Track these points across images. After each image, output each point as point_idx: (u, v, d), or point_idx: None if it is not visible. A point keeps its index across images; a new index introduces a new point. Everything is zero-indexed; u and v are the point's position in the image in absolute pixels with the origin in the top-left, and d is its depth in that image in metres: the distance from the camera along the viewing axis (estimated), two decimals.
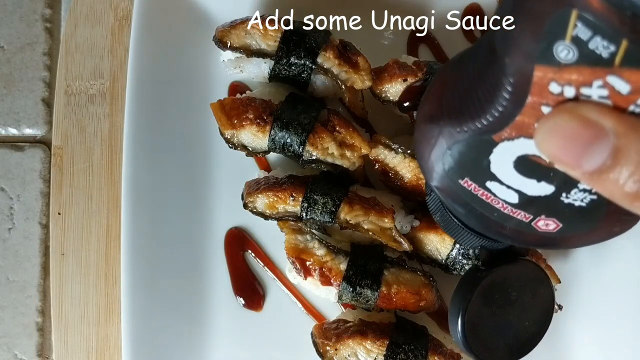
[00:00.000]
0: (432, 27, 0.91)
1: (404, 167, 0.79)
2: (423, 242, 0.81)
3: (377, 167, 0.81)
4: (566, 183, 0.46)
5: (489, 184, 0.50)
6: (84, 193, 0.91)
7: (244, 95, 0.83)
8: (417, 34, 0.91)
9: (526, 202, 0.49)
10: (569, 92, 0.39)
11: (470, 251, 0.78)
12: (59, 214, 0.90)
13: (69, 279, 0.89)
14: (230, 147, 0.81)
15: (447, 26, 0.90)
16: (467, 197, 0.52)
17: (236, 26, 0.81)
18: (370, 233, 0.78)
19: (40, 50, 0.96)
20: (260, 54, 0.80)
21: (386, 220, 0.78)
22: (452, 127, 0.48)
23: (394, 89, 0.81)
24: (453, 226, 0.61)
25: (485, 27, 0.91)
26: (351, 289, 0.77)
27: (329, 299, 0.81)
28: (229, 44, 0.80)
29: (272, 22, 0.80)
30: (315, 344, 0.78)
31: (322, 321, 0.85)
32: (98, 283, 0.89)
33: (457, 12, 0.90)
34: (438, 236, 0.79)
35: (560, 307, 0.81)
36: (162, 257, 0.84)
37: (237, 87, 0.89)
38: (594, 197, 0.46)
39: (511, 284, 0.66)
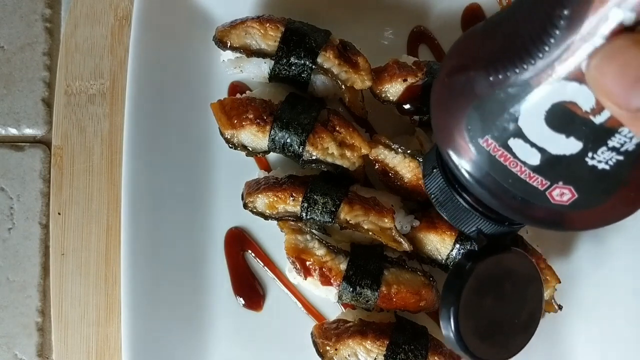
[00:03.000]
0: (432, 27, 0.91)
1: (404, 167, 0.79)
2: (423, 242, 0.81)
3: (377, 167, 0.81)
4: (596, 139, 0.45)
5: (511, 141, 0.48)
6: (84, 193, 0.91)
7: (244, 95, 0.83)
8: (417, 34, 0.91)
9: (547, 163, 0.48)
10: (629, 18, 0.38)
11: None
12: (59, 214, 0.90)
13: (69, 279, 0.89)
14: (230, 147, 0.81)
15: (447, 26, 0.90)
16: (483, 160, 0.50)
17: (236, 26, 0.81)
18: (370, 233, 0.78)
19: (40, 50, 0.96)
20: (260, 54, 0.80)
21: (386, 220, 0.78)
22: (487, 75, 0.47)
23: (394, 89, 0.81)
24: (454, 206, 0.60)
25: None
26: (351, 289, 0.77)
27: (329, 299, 0.81)
28: (229, 44, 0.80)
29: (272, 22, 0.80)
30: (315, 344, 0.78)
31: (322, 321, 0.85)
32: (98, 283, 0.89)
33: (457, 12, 0.91)
34: (438, 236, 0.79)
35: (560, 307, 0.81)
36: (162, 257, 0.84)
37: (237, 87, 0.89)
38: (621, 157, 0.45)
39: (504, 274, 0.65)
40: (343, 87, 0.80)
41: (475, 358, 0.63)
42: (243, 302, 0.87)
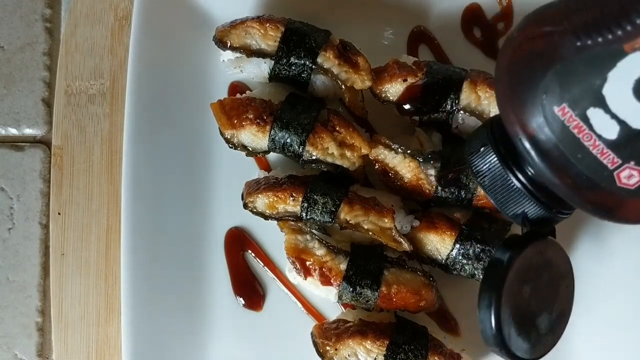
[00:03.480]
0: (432, 27, 0.91)
1: (404, 167, 0.79)
2: (423, 242, 0.81)
3: (377, 167, 0.81)
4: None
5: (591, 111, 0.46)
6: (84, 193, 0.91)
7: (244, 95, 0.83)
8: (417, 34, 0.91)
9: (625, 139, 0.45)
10: None
11: (470, 251, 0.78)
12: (59, 214, 0.90)
13: (69, 279, 0.89)
14: (230, 147, 0.81)
15: (447, 26, 0.90)
16: (554, 130, 0.48)
17: (236, 26, 0.81)
18: (370, 233, 0.78)
19: (40, 50, 0.96)
20: (260, 54, 0.80)
21: (386, 220, 0.78)
22: (575, 38, 0.45)
23: (394, 89, 0.81)
24: (503, 186, 0.57)
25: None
26: (351, 289, 0.77)
27: (329, 299, 0.81)
28: (229, 44, 0.80)
29: (272, 22, 0.80)
30: (315, 344, 0.78)
31: (322, 321, 0.85)
32: (98, 283, 0.89)
33: (457, 12, 0.91)
34: (438, 236, 0.79)
35: None
36: (162, 257, 0.84)
37: (237, 87, 0.89)
38: None
39: (544, 265, 0.61)
40: (343, 87, 0.80)
41: (509, 354, 0.59)
42: (243, 302, 0.87)
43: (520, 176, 0.57)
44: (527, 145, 0.50)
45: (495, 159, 0.58)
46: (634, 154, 0.47)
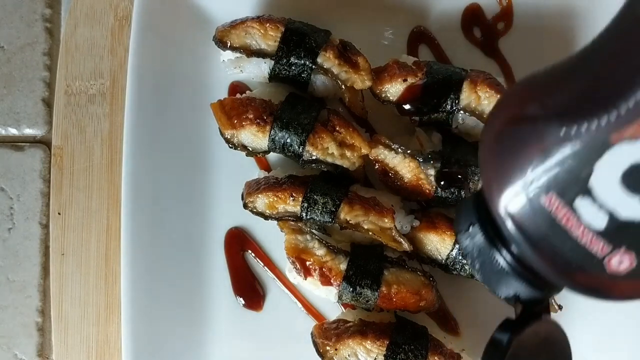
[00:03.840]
0: (432, 27, 0.91)
1: (404, 167, 0.79)
2: (423, 242, 0.81)
3: (377, 167, 0.81)
4: None
5: (578, 201, 0.44)
6: (84, 193, 0.91)
7: (244, 95, 0.83)
8: (417, 34, 0.91)
9: (614, 228, 0.45)
10: None
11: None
12: (59, 214, 0.90)
13: (69, 279, 0.89)
14: (230, 147, 0.81)
15: (447, 26, 0.90)
16: (541, 220, 0.46)
17: (236, 26, 0.81)
18: (370, 233, 0.78)
19: (40, 50, 0.96)
20: (260, 54, 0.80)
21: (386, 220, 0.78)
22: (559, 126, 0.43)
23: (394, 89, 0.81)
24: (492, 268, 0.56)
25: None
26: (351, 289, 0.77)
27: (329, 299, 0.81)
28: (229, 44, 0.80)
29: (272, 22, 0.80)
30: (315, 344, 0.78)
31: (322, 321, 0.85)
32: (98, 283, 0.89)
33: (457, 12, 0.91)
34: (438, 236, 0.79)
35: (560, 307, 0.81)
36: (162, 257, 0.84)
37: (237, 87, 0.89)
38: None
39: (541, 345, 0.61)
40: (343, 87, 0.80)
41: None
42: (243, 302, 0.87)
43: (509, 259, 0.55)
44: (514, 231, 0.49)
45: (483, 240, 0.56)
46: (623, 241, 0.45)
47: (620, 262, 0.46)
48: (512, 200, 0.47)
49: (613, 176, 0.42)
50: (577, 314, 0.85)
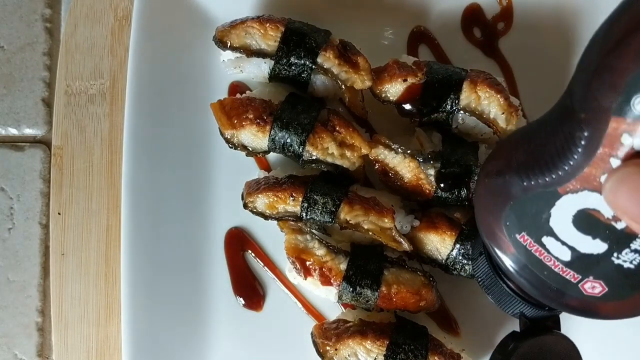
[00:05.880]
0: (432, 27, 0.91)
1: (404, 167, 0.79)
2: (423, 242, 0.81)
3: (377, 167, 0.81)
4: (619, 242, 0.50)
5: (545, 239, 0.53)
6: (84, 193, 0.91)
7: (244, 95, 0.83)
8: (417, 34, 0.91)
9: (577, 260, 0.53)
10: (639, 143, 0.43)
11: (471, 252, 0.78)
12: (59, 214, 0.90)
13: (69, 279, 0.89)
14: (230, 147, 0.81)
15: (447, 26, 0.90)
16: (520, 253, 0.56)
17: (236, 26, 0.81)
18: (370, 233, 0.78)
19: (40, 50, 0.96)
20: (260, 54, 0.80)
21: (386, 220, 0.78)
22: (520, 180, 0.53)
23: (394, 89, 0.81)
24: (499, 290, 0.65)
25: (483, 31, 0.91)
26: (351, 289, 0.77)
27: (329, 299, 0.81)
28: (229, 44, 0.80)
29: (272, 22, 0.80)
30: (315, 344, 0.78)
31: (322, 321, 0.85)
32: (98, 283, 0.89)
33: (457, 12, 0.91)
34: (438, 236, 0.79)
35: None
36: (162, 257, 0.84)
37: (237, 87, 0.89)
38: None
39: (545, 356, 0.67)
40: (343, 87, 0.80)
41: None
42: (243, 302, 0.87)
43: (509, 283, 0.64)
44: (504, 263, 0.58)
45: (488, 267, 0.66)
46: (589, 270, 0.53)
47: (592, 287, 0.54)
48: (497, 238, 0.57)
49: (566, 219, 0.51)
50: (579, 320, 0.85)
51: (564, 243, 0.52)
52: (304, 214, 0.78)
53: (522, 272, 0.57)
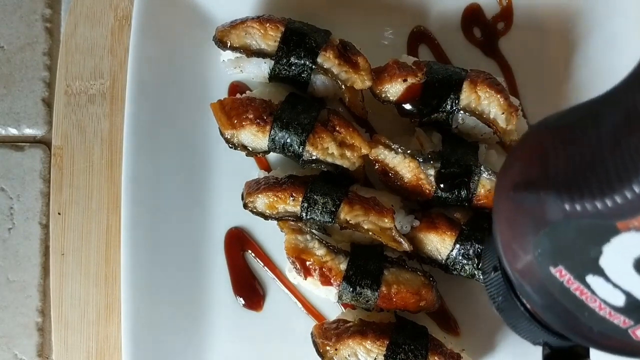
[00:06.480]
0: (432, 27, 0.91)
1: (404, 167, 0.79)
2: (423, 242, 0.81)
3: (377, 167, 0.81)
4: None
5: (590, 278, 0.41)
6: (84, 193, 0.91)
7: (244, 95, 0.83)
8: (417, 34, 0.91)
9: (632, 306, 0.41)
10: None
11: (471, 252, 0.78)
12: (59, 214, 0.90)
13: (69, 279, 0.89)
14: (230, 147, 0.81)
15: (447, 26, 0.90)
16: (553, 288, 0.43)
17: (236, 26, 0.81)
18: (370, 233, 0.78)
19: (40, 50, 0.96)
20: (260, 54, 0.80)
21: (386, 220, 0.78)
22: (562, 201, 0.38)
23: (394, 89, 0.81)
24: (516, 314, 0.52)
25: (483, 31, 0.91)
26: (351, 289, 0.77)
27: (329, 299, 0.81)
28: (229, 44, 0.80)
29: (272, 22, 0.80)
30: (315, 344, 0.78)
31: (322, 321, 0.85)
32: (98, 283, 0.89)
33: (457, 12, 0.91)
34: (438, 236, 0.79)
35: None
36: (162, 257, 0.84)
37: (237, 87, 0.89)
38: None
39: None
40: (343, 87, 0.80)
41: None
42: (243, 302, 0.87)
43: (532, 308, 0.51)
44: (529, 295, 0.46)
45: (506, 289, 0.52)
46: None
47: None
48: (523, 265, 0.44)
49: (625, 261, 0.38)
50: None
51: (616, 286, 0.40)
52: (304, 214, 0.78)
53: (554, 309, 0.45)
